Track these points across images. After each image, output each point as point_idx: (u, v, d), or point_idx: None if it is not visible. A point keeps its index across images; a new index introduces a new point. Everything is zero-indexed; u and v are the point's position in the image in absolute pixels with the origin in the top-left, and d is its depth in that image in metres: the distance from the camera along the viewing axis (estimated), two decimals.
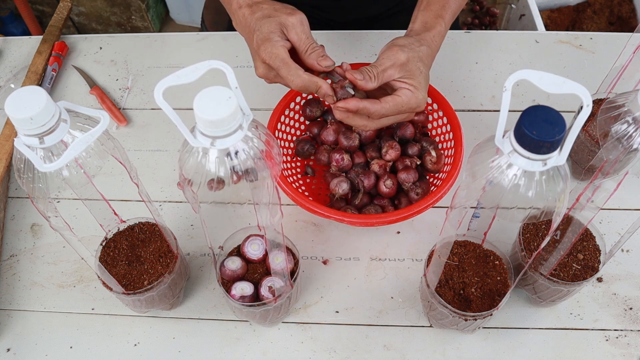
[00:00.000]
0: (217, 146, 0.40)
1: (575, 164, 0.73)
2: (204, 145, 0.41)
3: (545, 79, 0.37)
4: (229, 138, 0.41)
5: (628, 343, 0.63)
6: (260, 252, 0.61)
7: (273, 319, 0.62)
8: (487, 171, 0.40)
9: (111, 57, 0.92)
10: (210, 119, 0.39)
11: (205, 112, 0.39)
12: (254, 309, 0.58)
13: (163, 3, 1.98)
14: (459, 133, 0.68)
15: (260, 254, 0.61)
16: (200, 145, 0.41)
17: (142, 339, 0.65)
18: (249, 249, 0.61)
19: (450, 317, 0.57)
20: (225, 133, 0.40)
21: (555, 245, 0.58)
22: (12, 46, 0.95)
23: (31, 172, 0.43)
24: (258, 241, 0.61)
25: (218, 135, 0.40)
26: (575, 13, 1.58)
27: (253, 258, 0.61)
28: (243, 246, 0.61)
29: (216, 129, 0.40)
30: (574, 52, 0.89)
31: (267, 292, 0.58)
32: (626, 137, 0.58)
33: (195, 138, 0.41)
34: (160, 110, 0.85)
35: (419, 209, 0.63)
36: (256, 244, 0.61)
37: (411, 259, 0.70)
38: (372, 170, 0.70)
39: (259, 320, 0.63)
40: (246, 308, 0.58)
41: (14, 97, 0.40)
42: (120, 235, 0.62)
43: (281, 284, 0.58)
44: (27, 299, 0.68)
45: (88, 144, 0.42)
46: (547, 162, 0.38)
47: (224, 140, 0.40)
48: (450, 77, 0.87)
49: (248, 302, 0.58)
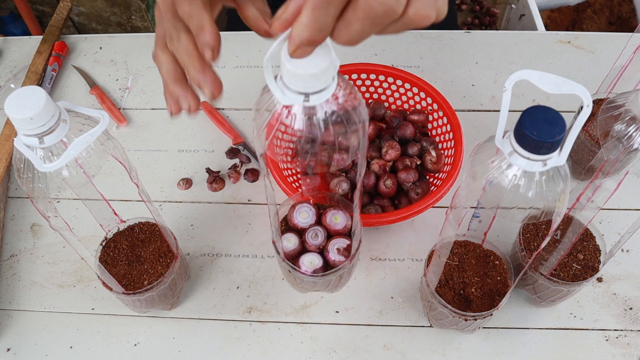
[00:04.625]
0: (311, 102, 0.35)
1: (576, 164, 0.73)
2: (296, 103, 0.36)
3: (545, 79, 0.37)
4: (325, 91, 0.35)
5: (628, 343, 0.63)
6: (311, 219, 0.57)
7: (344, 281, 0.60)
8: (487, 171, 0.40)
9: (111, 57, 0.92)
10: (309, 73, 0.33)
11: (300, 65, 0.34)
12: (330, 276, 0.55)
13: None
14: (459, 133, 0.68)
15: (312, 220, 0.57)
16: (292, 102, 0.36)
17: (142, 339, 0.65)
18: (299, 219, 0.56)
19: (450, 317, 0.57)
20: (322, 87, 0.35)
21: (556, 245, 0.58)
22: (12, 46, 0.95)
23: (31, 172, 0.43)
24: (306, 208, 0.57)
25: (313, 90, 0.35)
26: (575, 13, 1.58)
27: (305, 227, 0.57)
28: (292, 217, 0.57)
29: (312, 84, 0.35)
30: (574, 52, 0.89)
31: (337, 256, 0.55)
32: (626, 137, 0.58)
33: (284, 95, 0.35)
34: (160, 110, 0.85)
35: (419, 209, 0.63)
36: (305, 211, 0.57)
37: (411, 259, 0.70)
38: (372, 170, 0.70)
39: (331, 288, 0.59)
40: (321, 279, 0.55)
41: (13, 97, 0.40)
42: (120, 235, 0.62)
43: (347, 243, 0.55)
44: (27, 299, 0.68)
45: (88, 143, 0.42)
46: (547, 162, 0.38)
47: (320, 95, 0.35)
48: (450, 77, 0.87)
49: (321, 272, 0.54)
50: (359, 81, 0.77)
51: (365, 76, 0.76)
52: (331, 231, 0.57)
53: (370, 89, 0.78)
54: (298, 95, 0.35)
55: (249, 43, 0.92)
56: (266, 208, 0.75)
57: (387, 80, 0.76)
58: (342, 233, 0.56)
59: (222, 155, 0.80)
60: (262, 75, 0.88)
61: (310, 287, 0.59)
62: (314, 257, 0.55)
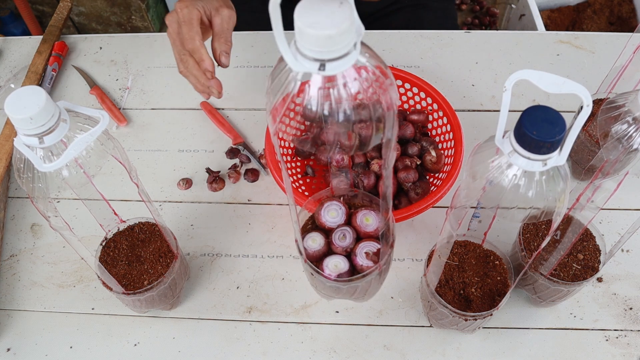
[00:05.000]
0: (327, 71, 0.31)
1: (576, 164, 0.73)
2: (309, 70, 0.31)
3: (545, 79, 0.37)
4: (344, 60, 0.31)
5: (628, 343, 0.63)
6: (340, 218, 0.52)
7: (373, 290, 0.54)
8: (487, 171, 0.40)
9: (111, 57, 0.92)
10: (324, 34, 0.29)
11: (315, 25, 0.29)
12: (356, 282, 0.50)
13: (163, 3, 1.98)
14: (459, 133, 0.68)
15: (341, 219, 0.52)
16: (304, 70, 0.31)
17: (142, 339, 0.65)
18: (327, 217, 0.51)
19: (450, 317, 0.57)
20: (340, 54, 0.30)
21: (555, 245, 0.58)
22: (12, 46, 0.95)
23: (31, 172, 0.43)
24: (335, 206, 0.52)
25: (330, 57, 0.30)
26: (575, 13, 1.58)
27: (333, 226, 0.52)
28: (319, 216, 0.52)
29: (329, 48, 0.30)
30: (574, 52, 0.89)
31: (365, 260, 0.49)
32: (626, 137, 0.58)
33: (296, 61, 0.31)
34: (160, 110, 0.85)
35: (419, 209, 0.63)
36: (334, 209, 0.52)
37: (411, 259, 0.70)
38: (372, 170, 0.70)
39: (358, 296, 0.54)
40: (346, 285, 0.50)
41: (13, 97, 0.40)
42: (120, 235, 0.62)
43: (377, 247, 0.50)
44: (27, 299, 0.68)
45: (88, 143, 0.42)
46: (547, 162, 0.38)
47: (337, 64, 0.31)
48: (450, 77, 0.87)
49: (347, 277, 0.49)
50: None
51: None
52: (361, 233, 0.52)
53: None
54: (313, 62, 0.30)
55: (248, 43, 0.92)
56: (267, 208, 0.75)
57: None
58: (373, 236, 0.52)
59: (222, 155, 0.80)
60: (262, 76, 0.88)
61: (334, 293, 0.54)
62: (340, 260, 0.50)
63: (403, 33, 0.93)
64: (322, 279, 0.50)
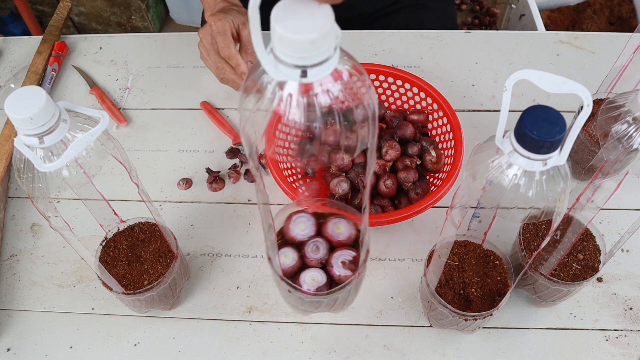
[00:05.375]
0: (309, 78, 0.29)
1: (576, 164, 0.73)
2: (290, 79, 0.29)
3: (545, 79, 0.37)
4: (325, 65, 0.29)
5: (628, 343, 0.63)
6: (310, 230, 0.50)
7: (352, 298, 0.52)
8: (487, 171, 0.40)
9: (111, 57, 0.92)
10: (306, 38, 0.27)
11: (296, 29, 0.27)
12: (337, 294, 0.48)
13: (163, 3, 1.98)
14: (459, 133, 0.68)
15: (311, 231, 0.50)
16: (285, 78, 0.29)
17: (142, 339, 0.65)
18: (297, 231, 0.49)
19: (450, 317, 0.57)
20: (322, 58, 0.28)
21: (555, 245, 0.58)
22: (12, 46, 0.95)
23: (31, 172, 0.43)
24: (304, 218, 0.50)
25: (312, 62, 0.28)
26: (575, 13, 1.58)
27: (304, 239, 0.50)
28: (287, 229, 0.50)
29: (311, 54, 0.28)
30: (574, 52, 0.89)
31: (342, 270, 0.48)
32: (626, 137, 0.58)
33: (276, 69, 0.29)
34: (161, 110, 0.85)
35: (419, 209, 0.63)
36: (302, 222, 0.50)
37: (411, 259, 0.70)
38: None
39: (337, 307, 0.52)
40: (326, 298, 0.48)
41: (13, 97, 0.40)
42: (120, 235, 0.62)
43: (352, 254, 0.49)
44: (27, 299, 0.68)
45: (88, 143, 0.42)
46: (548, 162, 0.38)
47: (319, 69, 0.29)
48: (450, 77, 0.87)
49: (326, 289, 0.47)
50: None
51: None
52: (334, 242, 0.50)
53: None
54: (293, 69, 0.28)
55: None
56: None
57: (387, 80, 0.76)
58: (347, 244, 0.50)
59: (222, 155, 0.80)
60: None
61: (314, 307, 0.52)
62: (316, 273, 0.48)
63: (403, 33, 0.93)
64: (300, 295, 0.48)
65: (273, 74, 0.29)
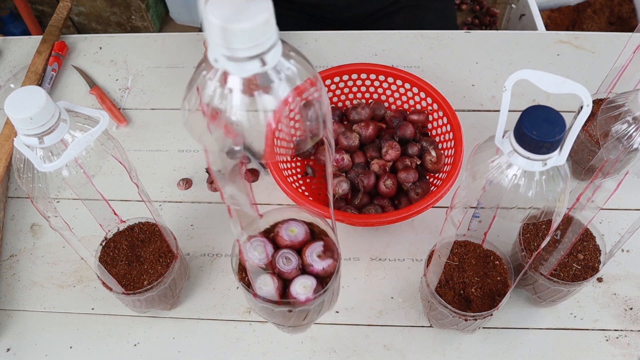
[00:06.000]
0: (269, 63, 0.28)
1: (576, 164, 0.73)
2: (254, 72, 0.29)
3: (545, 79, 0.37)
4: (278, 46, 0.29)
5: (628, 343, 0.63)
6: (267, 249, 0.48)
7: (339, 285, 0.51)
8: (487, 171, 0.40)
9: (111, 57, 0.92)
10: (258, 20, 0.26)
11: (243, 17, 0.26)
12: (333, 284, 0.47)
13: (163, 3, 1.98)
14: (459, 133, 0.68)
15: (269, 250, 0.48)
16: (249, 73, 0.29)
17: (142, 339, 0.65)
18: (255, 257, 0.47)
19: (450, 317, 0.57)
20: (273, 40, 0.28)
21: (556, 245, 0.58)
22: (12, 46, 0.95)
23: (31, 172, 0.43)
24: (257, 242, 0.49)
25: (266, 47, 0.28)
26: (575, 13, 1.58)
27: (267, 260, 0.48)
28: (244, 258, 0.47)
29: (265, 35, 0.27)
30: (574, 52, 0.89)
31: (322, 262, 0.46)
32: (626, 137, 0.58)
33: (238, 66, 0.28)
34: (160, 110, 0.85)
35: (419, 209, 0.63)
36: (258, 246, 0.48)
37: (411, 259, 0.70)
38: (372, 170, 0.70)
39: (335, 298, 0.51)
40: (326, 294, 0.47)
41: (13, 97, 0.40)
42: (120, 235, 0.62)
43: (321, 244, 0.47)
44: (27, 299, 0.68)
45: (88, 143, 0.42)
46: (547, 162, 0.38)
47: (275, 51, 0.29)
48: (450, 77, 0.87)
49: (320, 288, 0.47)
50: (359, 81, 0.77)
51: (365, 76, 0.76)
52: (296, 245, 0.48)
53: (370, 89, 0.78)
54: (252, 61, 0.27)
55: None
56: (267, 208, 0.75)
57: (387, 80, 0.76)
58: (307, 240, 0.48)
59: None
60: None
61: (317, 312, 0.50)
62: (303, 279, 0.46)
63: (403, 33, 0.93)
64: (302, 307, 0.46)
65: (237, 72, 0.28)
